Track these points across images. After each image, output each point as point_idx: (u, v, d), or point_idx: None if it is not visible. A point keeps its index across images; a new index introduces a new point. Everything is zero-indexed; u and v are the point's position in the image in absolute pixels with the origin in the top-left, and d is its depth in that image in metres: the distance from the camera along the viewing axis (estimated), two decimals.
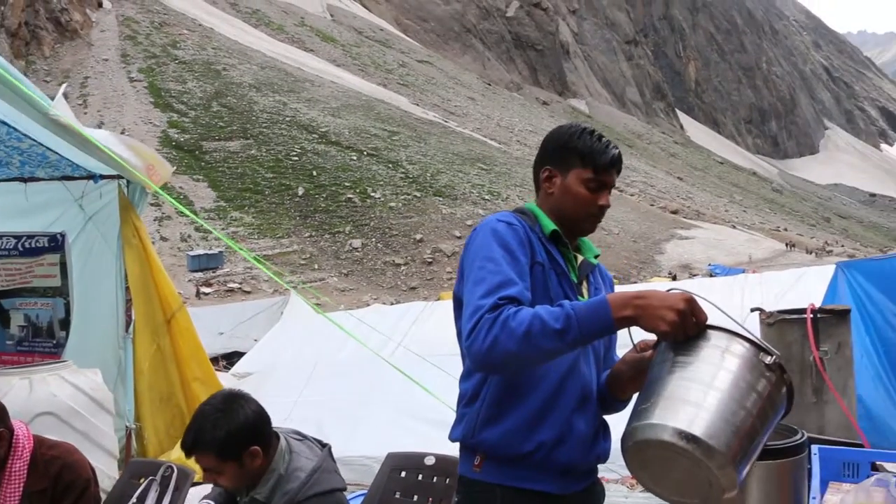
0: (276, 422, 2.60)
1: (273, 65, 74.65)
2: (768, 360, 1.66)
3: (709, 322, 1.74)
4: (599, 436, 2.15)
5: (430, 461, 2.95)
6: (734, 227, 69.18)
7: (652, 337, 1.89)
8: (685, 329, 1.72)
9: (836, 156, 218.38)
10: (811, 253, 59.69)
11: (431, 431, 5.31)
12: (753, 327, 4.42)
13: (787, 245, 63.08)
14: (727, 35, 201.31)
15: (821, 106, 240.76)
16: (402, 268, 40.63)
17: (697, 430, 1.58)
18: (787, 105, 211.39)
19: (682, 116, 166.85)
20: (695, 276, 38.72)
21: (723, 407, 1.62)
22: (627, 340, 2.10)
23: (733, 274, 22.90)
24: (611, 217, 56.04)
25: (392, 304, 24.08)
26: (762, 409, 1.65)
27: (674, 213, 67.19)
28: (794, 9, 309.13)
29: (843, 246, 74.14)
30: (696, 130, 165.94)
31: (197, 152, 51.40)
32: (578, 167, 2.14)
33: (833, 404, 4.03)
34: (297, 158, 52.75)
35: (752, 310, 4.35)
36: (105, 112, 56.64)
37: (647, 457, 1.65)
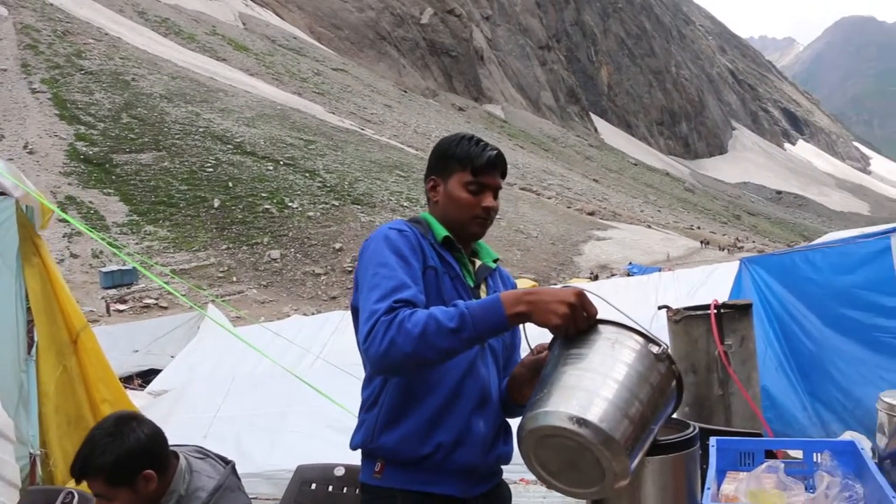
0: (194, 438, 2.53)
1: (184, 75, 73.13)
2: (656, 350, 1.73)
3: (599, 316, 1.82)
4: (500, 438, 2.18)
5: (339, 472, 2.92)
6: (650, 226, 70.71)
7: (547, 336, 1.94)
8: (576, 322, 1.77)
9: (744, 155, 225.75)
10: (723, 250, 61.35)
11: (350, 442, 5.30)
12: (662, 324, 4.55)
13: (701, 243, 64.77)
14: (637, 40, 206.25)
15: (728, 107, 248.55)
16: (322, 277, 40.29)
17: (590, 415, 1.61)
18: (696, 107, 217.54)
19: (596, 119, 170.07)
20: (613, 275, 39.50)
21: (615, 394, 1.66)
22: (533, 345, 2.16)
23: (650, 273, 23.46)
24: (529, 220, 56.73)
25: (312, 314, 23.86)
26: (653, 399, 1.71)
27: (591, 214, 68.33)
28: (700, 14, 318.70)
29: (753, 242, 76.52)
30: (610, 133, 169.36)
31: (107, 165, 49.91)
32: (458, 171, 2.18)
33: (738, 396, 4.14)
34: (211, 170, 51.76)
35: (660, 307, 4.46)
36: (5, 125, 54.39)
37: (541, 447, 1.69)
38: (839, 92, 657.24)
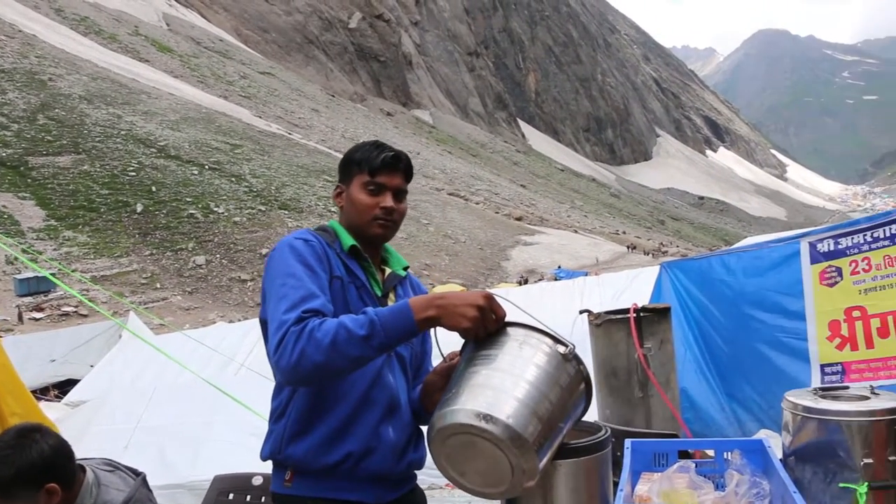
0: (114, 450, 2.48)
1: (105, 75, 71.17)
2: (563, 350, 1.77)
3: (508, 319, 1.85)
4: (412, 445, 2.19)
5: (257, 481, 2.90)
6: (576, 231, 71.67)
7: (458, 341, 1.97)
8: (485, 325, 1.81)
9: (668, 161, 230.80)
10: (648, 254, 62.58)
11: None
12: (585, 328, 4.62)
13: (628, 247, 66.00)
14: (564, 48, 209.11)
15: (652, 115, 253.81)
16: (249, 283, 39.68)
17: (497, 411, 1.63)
18: (621, 114, 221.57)
19: (524, 126, 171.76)
20: (540, 280, 39.94)
21: (523, 392, 1.69)
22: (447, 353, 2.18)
23: (577, 277, 23.81)
24: (458, 226, 56.93)
25: (239, 320, 23.51)
26: (561, 398, 1.75)
27: (518, 219, 68.91)
28: (625, 23, 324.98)
29: (677, 247, 78.18)
30: (538, 139, 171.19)
31: (22, 168, 48.16)
32: (357, 174, 2.21)
33: (658, 398, 4.23)
34: (134, 174, 50.50)
35: (581, 311, 4.53)
36: None
37: (450, 446, 1.71)
38: (757, 102, 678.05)
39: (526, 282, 40.82)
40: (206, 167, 54.80)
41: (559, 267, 48.62)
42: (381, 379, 2.11)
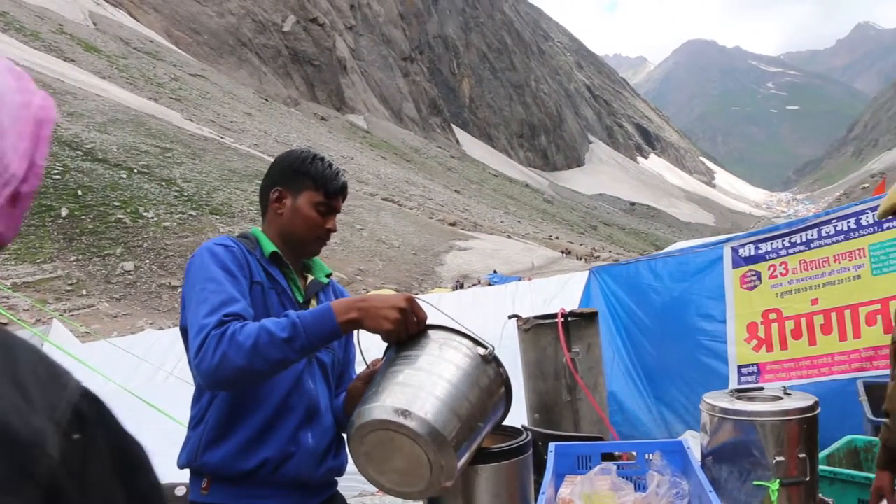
0: None
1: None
2: (483, 352, 1.81)
3: (429, 322, 1.88)
4: (332, 451, 2.20)
5: (180, 492, 2.86)
6: (510, 237, 72.15)
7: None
8: (407, 327, 1.84)
9: (600, 168, 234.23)
10: (581, 259, 63.31)
11: None
12: (513, 333, 4.67)
13: (563, 252, 66.72)
14: (498, 54, 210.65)
15: (585, 122, 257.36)
16: (180, 290, 38.75)
17: (415, 407, 1.66)
18: (554, 121, 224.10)
19: (458, 131, 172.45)
20: (474, 285, 40.11)
21: (442, 390, 1.72)
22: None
23: (511, 282, 24.00)
24: (392, 231, 56.81)
25: (169, 327, 23.08)
26: (481, 399, 1.78)
27: (452, 225, 69.09)
28: (559, 31, 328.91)
29: (609, 252, 79.30)
30: (472, 145, 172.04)
31: None
32: (310, 190, 2.22)
33: (586, 401, 4.29)
34: (59, 177, 49.09)
35: (510, 317, 4.58)
36: None
37: (369, 444, 1.72)
38: (687, 109, 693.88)
39: (462, 286, 40.92)
40: (135, 171, 53.58)
41: (494, 272, 48.89)
42: (301, 385, 2.11)
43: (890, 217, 2.90)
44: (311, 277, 2.34)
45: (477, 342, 1.84)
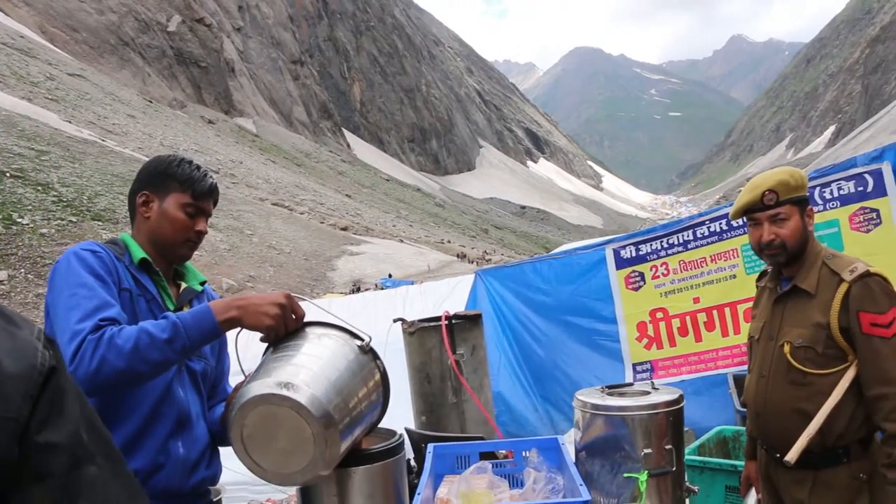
0: None
1: None
2: (359, 343, 1.85)
3: (307, 320, 1.90)
4: (203, 461, 2.16)
5: None
6: (402, 241, 72.18)
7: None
8: (286, 323, 1.84)
9: (490, 172, 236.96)
10: (473, 262, 63.89)
11: None
12: (398, 337, 4.68)
13: (458, 256, 67.26)
14: (389, 58, 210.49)
15: (475, 126, 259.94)
16: None
17: (297, 380, 1.68)
18: (445, 125, 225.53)
19: (349, 135, 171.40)
20: (367, 289, 39.93)
21: (323, 368, 1.76)
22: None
23: (403, 286, 24.00)
24: (282, 236, 55.97)
25: None
26: (359, 384, 1.83)
27: (344, 229, 68.65)
28: (449, 36, 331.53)
29: (501, 255, 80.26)
30: (363, 149, 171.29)
31: None
32: (177, 192, 2.19)
33: (471, 403, 4.34)
34: None
35: (395, 320, 4.59)
36: None
37: (252, 426, 1.72)
38: (574, 115, 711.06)
39: (359, 290, 40.80)
40: (8, 175, 50.86)
41: (390, 276, 48.84)
42: (171, 393, 2.07)
43: (743, 218, 3.06)
44: (184, 285, 2.30)
45: (354, 335, 1.87)
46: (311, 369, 1.73)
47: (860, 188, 4.92)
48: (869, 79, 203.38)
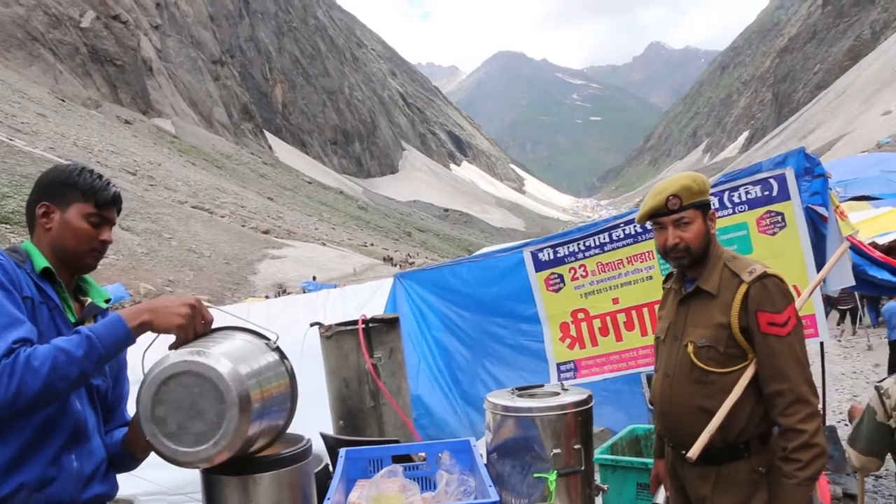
0: None
1: None
2: (266, 342, 1.87)
3: (216, 325, 1.92)
4: (98, 476, 2.12)
5: None
6: (324, 244, 71.68)
7: None
8: (195, 325, 1.85)
9: (414, 175, 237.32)
10: (396, 265, 63.88)
11: None
12: (315, 341, 4.65)
13: (384, 259, 67.23)
14: (312, 60, 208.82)
15: (398, 129, 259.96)
16: None
17: (210, 350, 1.76)
18: (368, 128, 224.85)
19: (271, 137, 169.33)
20: (289, 293, 39.52)
21: (233, 350, 1.83)
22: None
23: (326, 289, 23.84)
24: (202, 240, 54.96)
25: None
26: (268, 376, 1.84)
27: (265, 232, 67.80)
28: (372, 38, 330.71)
29: (425, 258, 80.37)
30: (285, 151, 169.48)
31: None
32: (80, 202, 2.15)
33: (389, 406, 4.34)
34: None
35: (312, 324, 4.56)
36: None
37: (165, 404, 1.73)
38: (497, 118, 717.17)
39: (285, 291, 40.50)
40: None
41: (314, 278, 48.50)
42: (68, 405, 2.03)
43: (649, 222, 3.13)
44: (88, 300, 2.26)
45: (261, 336, 1.91)
46: (222, 345, 1.82)
47: (766, 192, 5.08)
48: (779, 87, 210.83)
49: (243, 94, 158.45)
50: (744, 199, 5.15)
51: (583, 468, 2.34)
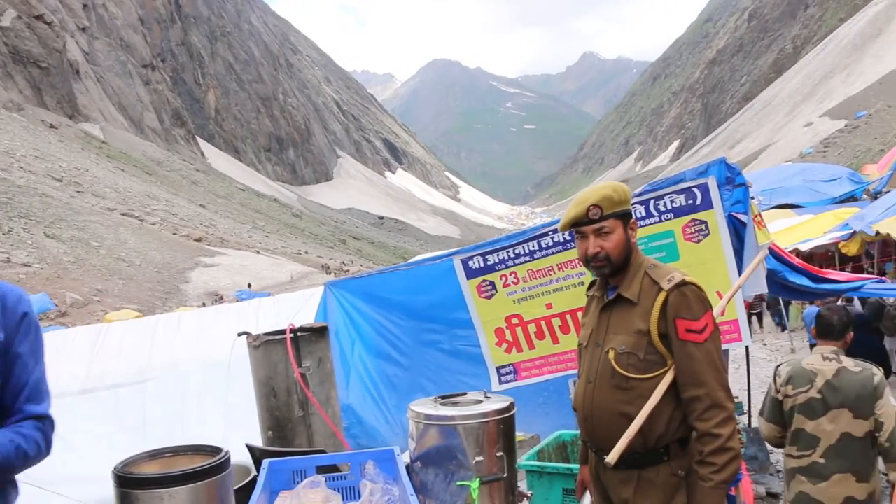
0: None
1: None
2: None
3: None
4: None
5: None
6: (258, 252, 70.83)
7: None
8: None
9: (349, 182, 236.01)
10: (331, 273, 63.44)
11: None
12: (241, 351, 4.59)
13: (322, 267, 66.73)
14: (245, 65, 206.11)
15: (333, 136, 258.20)
16: None
17: None
18: (303, 134, 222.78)
19: (204, 144, 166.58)
20: (222, 302, 38.93)
21: None
22: None
23: (260, 297, 23.55)
24: (132, 248, 53.77)
25: None
26: None
27: (198, 240, 66.69)
28: (307, 45, 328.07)
29: (360, 266, 79.99)
30: (218, 158, 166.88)
31: None
32: None
33: (319, 416, 4.31)
34: None
35: (240, 334, 4.51)
36: None
37: None
38: (432, 126, 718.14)
39: (222, 299, 39.95)
40: None
41: (249, 286, 47.93)
42: None
43: (571, 230, 3.17)
44: None
45: None
46: None
47: (690, 201, 5.21)
48: (708, 97, 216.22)
49: (175, 99, 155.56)
50: (669, 207, 5.27)
51: (505, 475, 2.36)
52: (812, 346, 12.05)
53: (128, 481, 1.74)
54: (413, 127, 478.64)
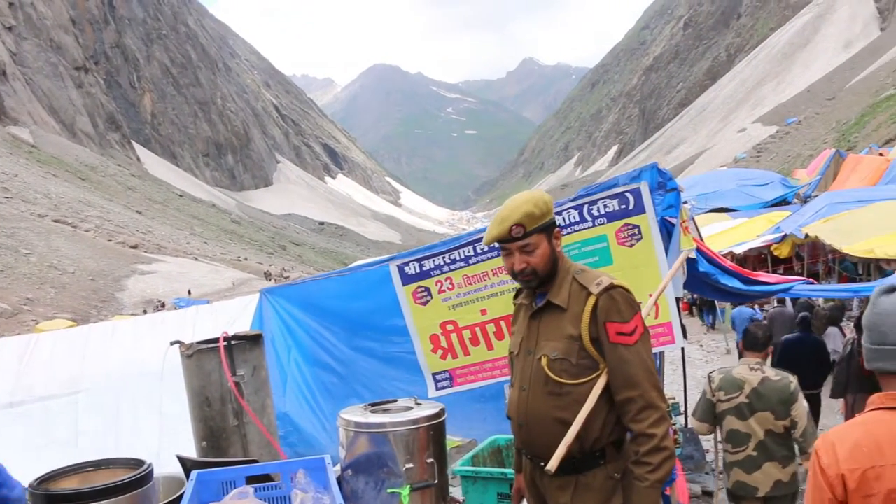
0: None
1: None
2: None
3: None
4: None
5: None
6: (196, 259, 69.82)
7: None
8: None
9: (289, 187, 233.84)
10: (271, 279, 62.85)
11: None
12: (176, 360, 4.51)
13: (265, 274, 66.08)
14: (182, 69, 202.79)
15: (272, 141, 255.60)
16: None
17: None
18: (241, 139, 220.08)
19: (139, 148, 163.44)
20: (159, 310, 38.24)
21: None
22: None
23: (198, 305, 23.20)
24: (65, 255, 52.48)
25: None
26: None
27: (134, 247, 65.43)
28: (246, 49, 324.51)
29: (301, 272, 79.36)
30: (154, 163, 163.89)
31: None
32: None
33: (254, 425, 4.25)
34: None
35: (172, 343, 4.43)
36: None
37: None
38: (373, 131, 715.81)
39: (163, 306, 39.32)
40: None
41: (189, 292, 47.25)
42: None
43: (496, 244, 3.14)
44: None
45: None
46: None
47: (623, 206, 5.28)
48: (645, 103, 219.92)
49: (109, 102, 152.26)
50: (602, 212, 5.33)
51: (436, 481, 2.36)
52: (738, 344, 12.65)
53: (43, 498, 1.69)
54: (353, 132, 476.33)
